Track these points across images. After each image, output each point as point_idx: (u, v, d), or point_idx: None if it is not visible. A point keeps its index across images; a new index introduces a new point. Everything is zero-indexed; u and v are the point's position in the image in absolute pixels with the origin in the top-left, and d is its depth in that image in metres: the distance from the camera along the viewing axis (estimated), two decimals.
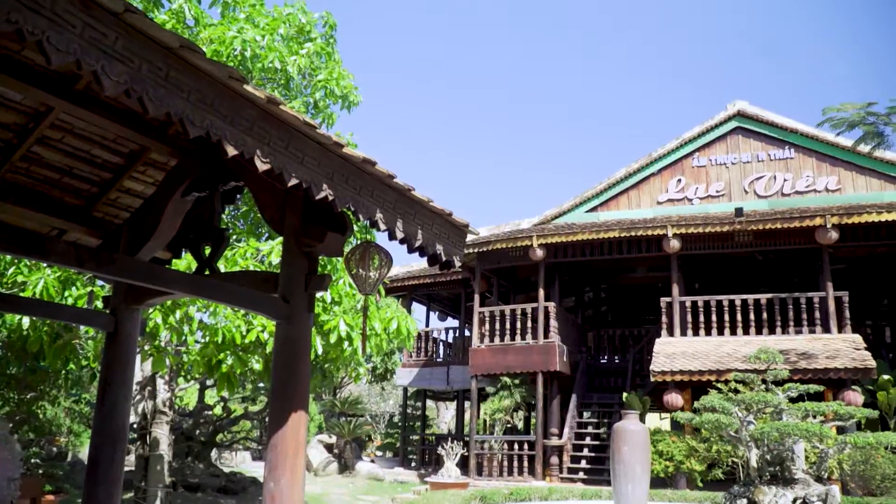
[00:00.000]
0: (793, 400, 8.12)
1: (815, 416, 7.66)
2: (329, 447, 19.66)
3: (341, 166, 3.22)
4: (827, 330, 13.87)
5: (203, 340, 6.82)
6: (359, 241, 6.17)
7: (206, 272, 4.34)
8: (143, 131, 3.96)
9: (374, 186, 3.39)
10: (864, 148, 12.43)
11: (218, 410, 15.35)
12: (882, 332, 17.32)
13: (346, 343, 6.63)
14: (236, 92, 2.72)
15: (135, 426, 10.33)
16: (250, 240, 6.97)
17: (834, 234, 13.65)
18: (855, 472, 11.79)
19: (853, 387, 12.48)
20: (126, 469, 4.91)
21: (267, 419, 3.70)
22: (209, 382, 13.64)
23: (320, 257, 5.59)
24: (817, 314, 14.11)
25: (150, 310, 6.40)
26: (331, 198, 3.13)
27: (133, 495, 9.66)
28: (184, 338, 6.82)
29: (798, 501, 6.79)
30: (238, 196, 4.78)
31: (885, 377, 13.28)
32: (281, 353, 3.76)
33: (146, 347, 7.18)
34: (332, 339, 6.54)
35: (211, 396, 19.49)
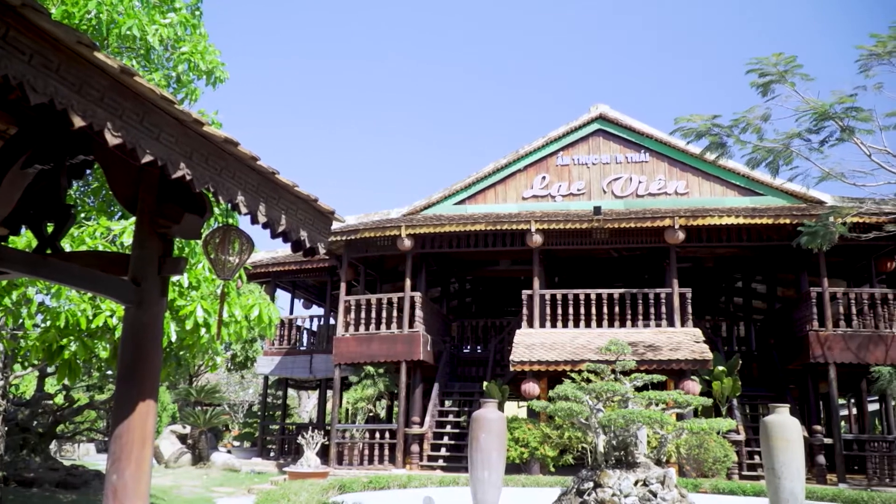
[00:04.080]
0: (638, 389, 8.64)
1: (657, 404, 8.20)
2: (182, 438, 18.86)
3: (201, 145, 3.08)
4: (671, 324, 14.90)
5: (43, 324, 6.33)
6: (219, 224, 5.94)
7: (49, 251, 4.03)
8: None
9: (236, 168, 3.27)
10: (710, 156, 13.40)
11: (59, 399, 14.32)
12: (719, 327, 18.82)
13: (203, 330, 6.37)
14: (85, 59, 2.53)
15: None
16: (101, 218, 6.53)
17: (681, 235, 14.67)
18: (690, 455, 12.75)
19: (692, 377, 13.48)
20: None
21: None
22: (50, 370, 12.69)
23: (177, 240, 5.32)
24: (663, 309, 15.12)
25: None
26: (188, 177, 2.99)
27: None
28: (21, 321, 6.31)
29: (639, 483, 7.25)
30: (88, 171, 4.47)
31: (720, 368, 14.45)
32: (130, 338, 3.56)
33: None
34: (189, 325, 6.26)
35: (52, 385, 18.15)
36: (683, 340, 14.15)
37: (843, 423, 21.79)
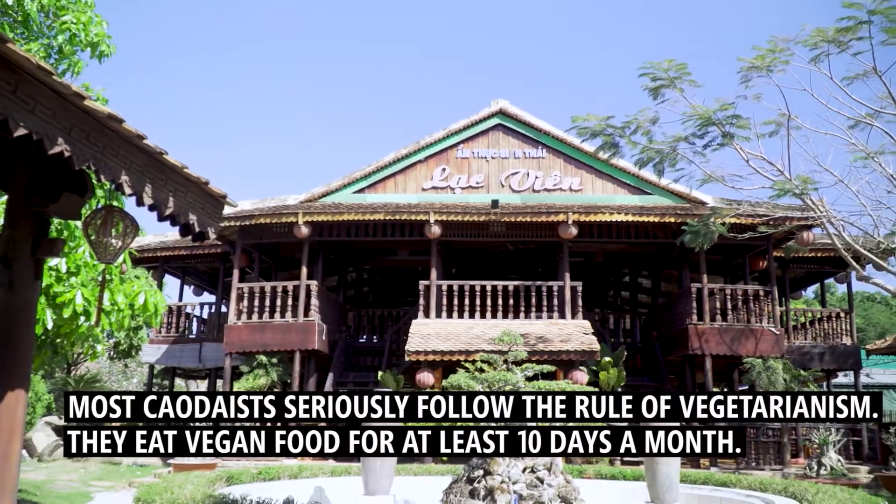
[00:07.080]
0: (529, 379, 8.88)
1: None
2: (59, 430, 17.85)
3: (82, 120, 2.91)
4: (563, 316, 15.37)
5: None
6: (102, 205, 5.65)
7: None
8: None
9: (120, 146, 3.11)
10: (603, 155, 13.86)
11: None
12: (607, 320, 19.59)
13: (83, 318, 6.05)
14: None
15: None
16: None
17: (574, 230, 15.15)
18: None
19: (581, 367, 13.97)
20: None
21: None
22: None
23: (55, 220, 5.01)
24: (555, 301, 15.58)
25: None
26: (67, 154, 2.82)
27: None
28: None
29: (527, 470, 7.47)
30: None
31: (607, 359, 15.04)
32: None
33: None
34: (67, 313, 5.92)
35: None
36: (573, 332, 14.63)
37: None
